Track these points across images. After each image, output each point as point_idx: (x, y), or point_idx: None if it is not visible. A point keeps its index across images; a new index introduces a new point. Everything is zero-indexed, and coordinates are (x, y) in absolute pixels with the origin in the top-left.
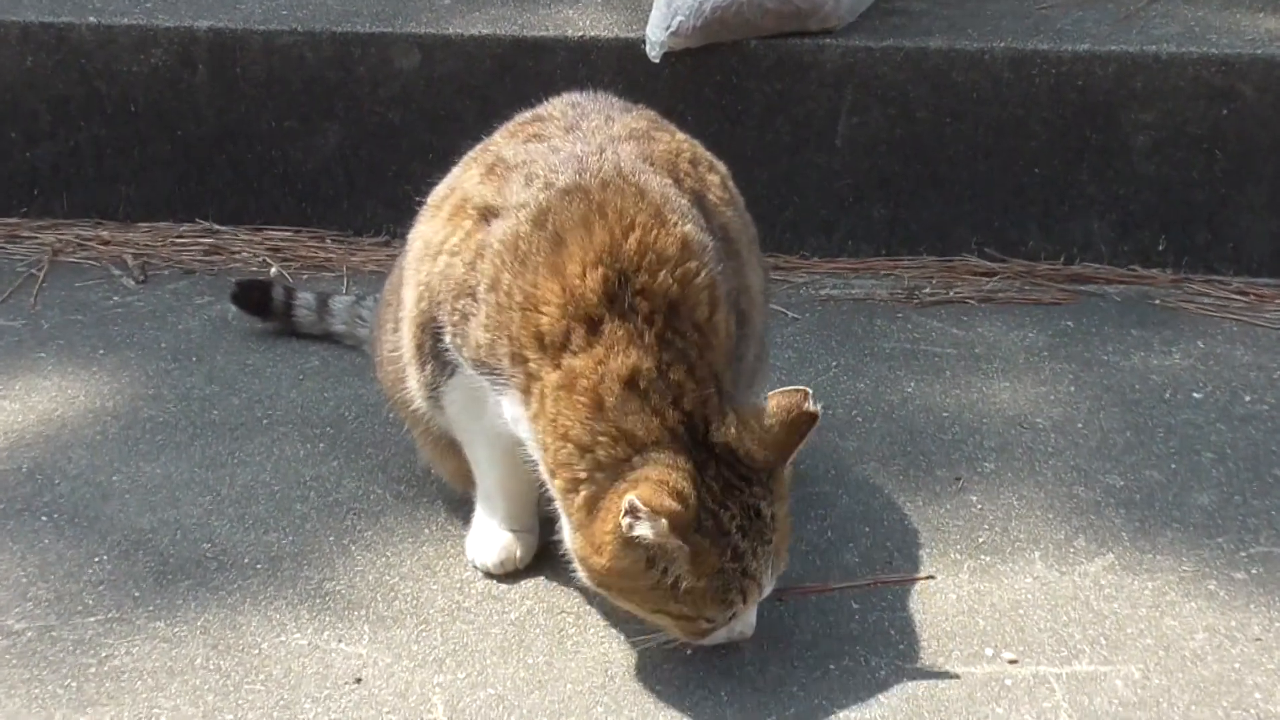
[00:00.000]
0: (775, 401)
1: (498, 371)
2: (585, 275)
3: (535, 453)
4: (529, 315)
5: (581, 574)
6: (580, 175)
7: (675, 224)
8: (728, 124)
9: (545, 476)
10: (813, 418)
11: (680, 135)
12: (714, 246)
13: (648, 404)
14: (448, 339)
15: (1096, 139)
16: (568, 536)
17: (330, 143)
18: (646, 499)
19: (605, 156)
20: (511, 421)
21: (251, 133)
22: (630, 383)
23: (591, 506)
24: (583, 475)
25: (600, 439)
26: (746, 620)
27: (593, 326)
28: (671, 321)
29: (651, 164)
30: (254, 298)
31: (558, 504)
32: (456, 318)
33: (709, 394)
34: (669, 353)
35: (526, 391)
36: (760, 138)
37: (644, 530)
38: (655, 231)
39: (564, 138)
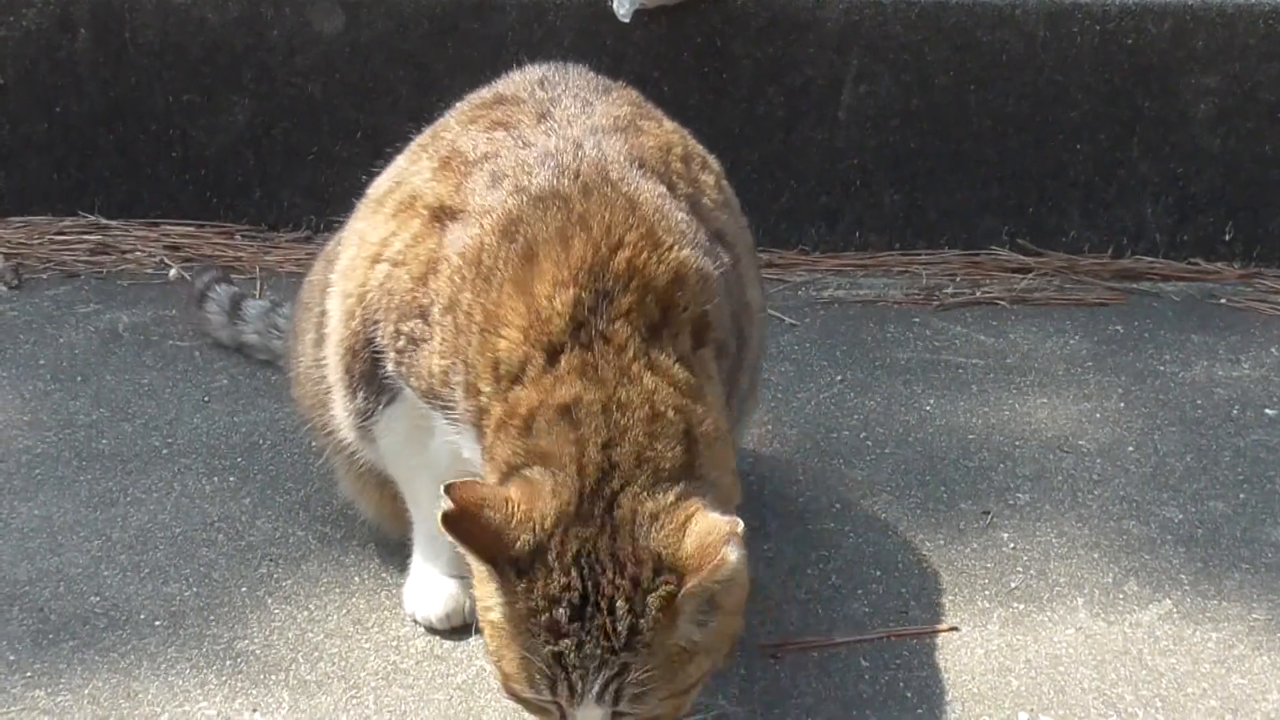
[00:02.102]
0: (700, 522)
1: (450, 404)
2: (554, 296)
3: None
4: (488, 338)
5: None
6: (558, 178)
7: (671, 247)
8: (711, 95)
9: None
10: (721, 561)
11: (669, 124)
12: (717, 275)
13: (574, 431)
14: (389, 366)
15: (1150, 108)
16: None
17: (238, 121)
18: (451, 482)
19: (585, 154)
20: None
21: (144, 109)
22: (566, 410)
23: None
24: None
25: (514, 457)
26: None
27: (552, 356)
28: (646, 356)
29: (642, 166)
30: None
31: None
32: (402, 342)
33: (653, 458)
34: (631, 390)
35: (480, 428)
36: (750, 111)
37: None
38: (646, 254)
39: (535, 128)
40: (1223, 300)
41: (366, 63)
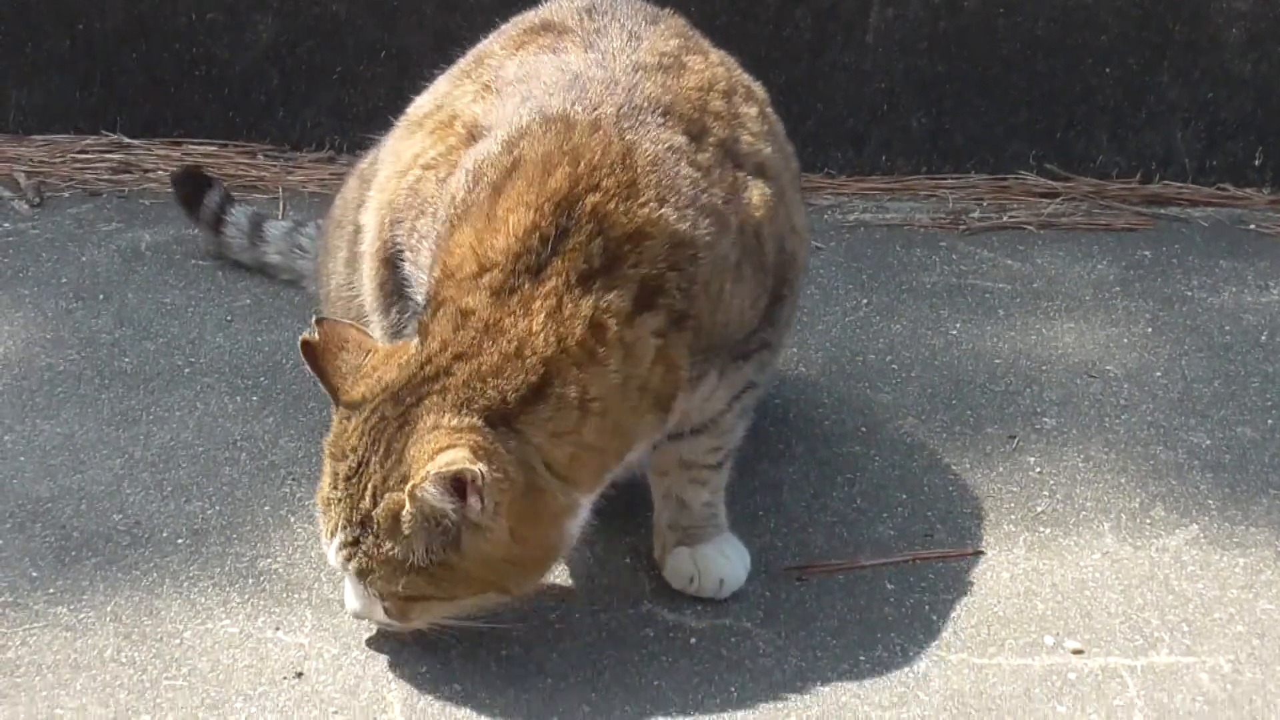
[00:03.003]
0: (443, 456)
1: (422, 284)
2: (512, 214)
3: None
4: (452, 232)
5: None
6: (574, 106)
7: (646, 202)
8: (737, 17)
9: None
10: (414, 495)
11: (714, 55)
12: (705, 242)
13: (454, 333)
14: (406, 268)
15: (1180, 32)
16: None
17: (262, 39)
18: (323, 318)
19: (614, 90)
20: None
21: (167, 27)
22: (462, 314)
23: None
24: None
25: (418, 324)
26: (347, 590)
27: (482, 269)
28: (558, 299)
29: (667, 114)
30: (188, 189)
31: None
32: (415, 239)
33: (480, 388)
34: (517, 323)
35: (425, 301)
36: (776, 33)
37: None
38: (615, 203)
39: (582, 56)
40: (1252, 226)
41: None
